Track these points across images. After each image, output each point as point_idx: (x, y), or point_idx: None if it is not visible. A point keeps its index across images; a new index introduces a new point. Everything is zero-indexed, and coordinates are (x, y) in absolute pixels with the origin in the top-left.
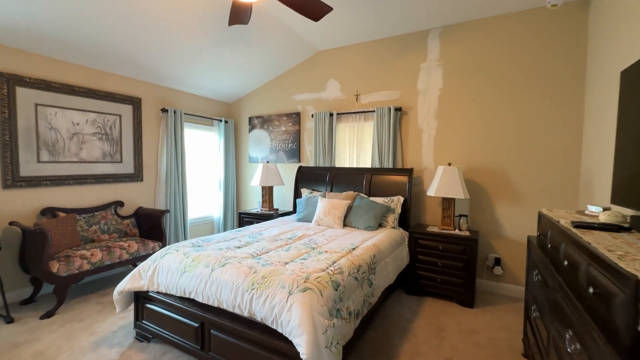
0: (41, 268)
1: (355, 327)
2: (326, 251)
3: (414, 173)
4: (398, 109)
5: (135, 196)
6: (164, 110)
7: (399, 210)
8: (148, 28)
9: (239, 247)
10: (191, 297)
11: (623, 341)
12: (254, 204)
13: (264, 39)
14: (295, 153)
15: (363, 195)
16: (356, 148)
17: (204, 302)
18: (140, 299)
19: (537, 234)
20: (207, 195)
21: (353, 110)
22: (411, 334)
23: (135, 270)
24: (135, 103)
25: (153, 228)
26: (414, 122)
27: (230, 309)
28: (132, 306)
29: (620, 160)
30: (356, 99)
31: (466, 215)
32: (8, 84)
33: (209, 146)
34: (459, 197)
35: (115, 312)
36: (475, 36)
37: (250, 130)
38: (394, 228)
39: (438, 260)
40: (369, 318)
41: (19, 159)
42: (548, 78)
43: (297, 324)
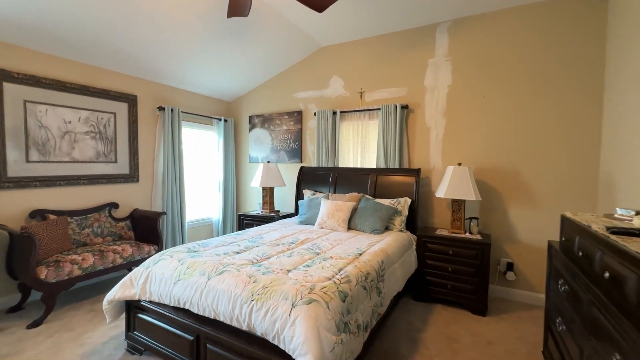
0: (28, 274)
1: (364, 341)
2: (331, 257)
3: (421, 173)
4: (404, 107)
5: (131, 198)
6: (161, 109)
7: (406, 212)
8: (144, 22)
9: (238, 253)
10: (186, 308)
11: None
12: (254, 205)
13: (265, 34)
14: (297, 153)
15: (368, 196)
16: (360, 147)
17: (199, 314)
18: (132, 308)
19: (562, 239)
20: (206, 196)
21: (357, 109)
22: (422, 345)
23: (126, 278)
24: (131, 101)
25: (149, 231)
26: (421, 121)
27: (228, 322)
28: (124, 315)
29: None
30: (360, 96)
31: (477, 218)
32: None
33: (207, 146)
34: (470, 199)
35: (107, 321)
36: (486, 30)
37: (250, 129)
38: (401, 231)
39: (448, 266)
40: (377, 328)
41: (6, 159)
42: (564, 74)
43: (302, 341)
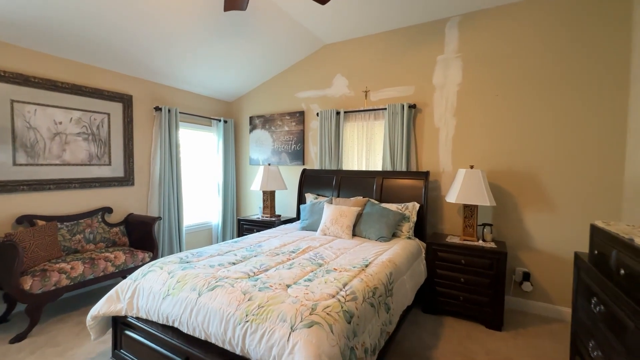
0: (11, 284)
1: None
2: (335, 269)
3: (430, 176)
4: (412, 106)
5: (126, 202)
6: (158, 109)
7: (414, 218)
8: (139, 18)
9: (234, 264)
10: (175, 327)
11: None
12: (254, 209)
13: (266, 31)
14: (299, 155)
15: (374, 201)
16: (365, 149)
17: (189, 334)
18: (118, 324)
19: (593, 251)
20: (205, 200)
21: (362, 108)
22: None
23: (112, 291)
24: (126, 100)
25: (144, 237)
26: (429, 121)
27: (220, 344)
28: (111, 331)
29: None
30: (365, 95)
31: (491, 225)
32: None
33: (207, 147)
34: (484, 204)
35: (91, 338)
36: (499, 24)
37: (251, 130)
38: (409, 238)
39: (460, 276)
40: (384, 344)
41: None
42: (586, 69)
43: None
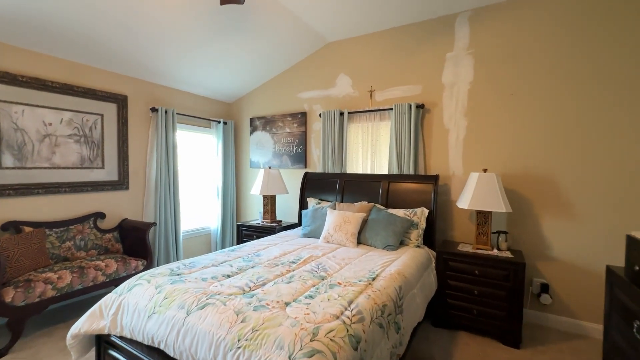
0: None
1: None
2: (339, 283)
3: (439, 180)
4: (420, 106)
5: (120, 207)
6: (154, 110)
7: (423, 224)
8: (135, 15)
9: (229, 277)
10: (161, 349)
11: None
12: (255, 214)
13: (267, 29)
14: (300, 157)
15: (380, 206)
16: (370, 151)
17: (175, 358)
18: (102, 342)
19: (632, 267)
20: (204, 204)
21: (367, 109)
22: None
23: (95, 307)
24: (120, 101)
25: (139, 243)
26: (438, 121)
27: None
28: (94, 349)
29: None
30: (370, 95)
31: (506, 232)
32: None
33: (205, 150)
34: (500, 211)
35: (72, 358)
36: (515, 16)
37: (251, 132)
38: (418, 247)
39: (473, 287)
40: None
41: None
42: (616, 67)
43: None
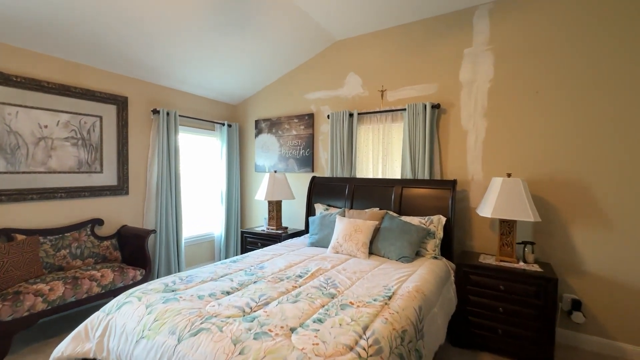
0: None
1: None
2: (351, 303)
3: (457, 185)
4: (435, 106)
5: (119, 213)
6: (156, 112)
7: (440, 234)
8: (136, 14)
9: (228, 294)
10: None
11: None
12: (260, 220)
13: (273, 27)
14: (307, 161)
15: (393, 213)
16: (382, 155)
17: None
18: None
19: None
20: (207, 210)
21: (378, 109)
22: None
23: (81, 327)
24: (120, 102)
25: (137, 251)
26: (456, 122)
27: None
28: None
29: None
30: (381, 95)
31: (533, 243)
32: None
33: (209, 153)
34: (527, 220)
35: None
36: (539, 9)
37: (256, 135)
38: (435, 258)
39: (498, 304)
40: None
41: None
42: None
43: None
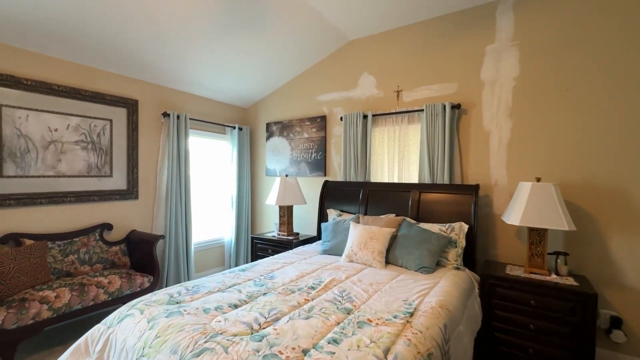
0: None
1: None
2: (369, 320)
3: (480, 191)
4: (455, 107)
5: (128, 217)
6: (166, 115)
7: (462, 242)
8: (146, 16)
9: (236, 307)
10: None
11: None
12: (271, 225)
13: (284, 27)
14: (320, 165)
15: (410, 220)
16: (398, 158)
17: None
18: None
19: None
20: (218, 214)
21: (393, 111)
22: None
23: (80, 341)
24: (131, 106)
25: (146, 257)
26: (477, 123)
27: None
28: None
29: None
30: (397, 96)
31: (566, 254)
32: None
33: (220, 157)
34: (561, 229)
35: None
36: (570, 1)
37: (267, 138)
38: (457, 269)
39: (529, 321)
40: None
41: None
42: None
43: None
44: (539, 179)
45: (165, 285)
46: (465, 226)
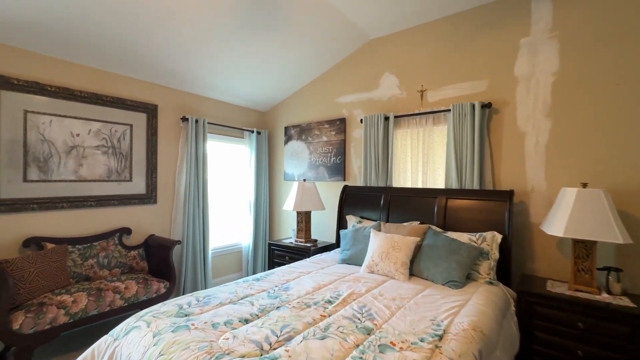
0: None
1: None
2: (392, 344)
3: (514, 197)
4: (486, 106)
5: (147, 222)
6: (185, 119)
7: (496, 254)
8: (164, 21)
9: (247, 322)
10: None
11: None
12: (288, 231)
13: (303, 27)
14: (339, 169)
15: (436, 228)
16: (422, 162)
17: None
18: None
19: None
20: (235, 219)
21: (417, 112)
22: None
23: (87, 353)
24: (150, 110)
25: (163, 263)
26: (510, 123)
27: None
28: None
29: None
30: (421, 96)
31: (619, 270)
32: None
33: (238, 161)
34: (615, 241)
35: None
36: None
37: (286, 142)
38: (490, 283)
39: (576, 346)
40: None
41: None
42: None
43: None
44: (585, 185)
45: (183, 290)
46: (499, 236)
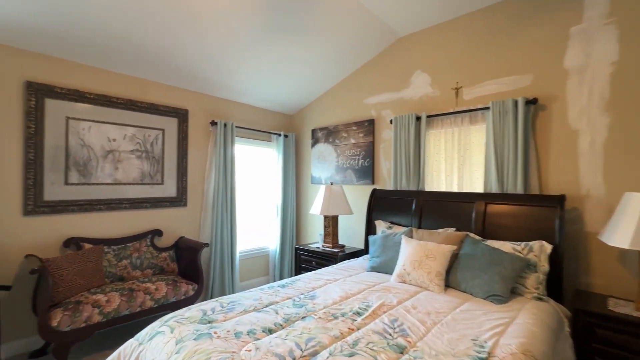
0: (38, 319)
1: None
2: None
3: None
4: (531, 102)
5: (177, 224)
6: (213, 124)
7: (545, 266)
8: (194, 29)
9: (270, 332)
10: None
11: None
12: (315, 235)
13: (332, 28)
14: (367, 172)
15: (474, 236)
16: (457, 164)
17: None
18: None
19: None
20: (262, 223)
21: (452, 110)
22: None
23: (114, 355)
24: (181, 115)
25: (191, 265)
26: (560, 121)
27: None
28: None
29: None
30: (456, 94)
31: None
32: (36, 95)
33: (265, 165)
34: None
35: None
36: None
37: (313, 145)
38: (539, 299)
39: None
40: None
41: (43, 181)
42: None
43: None
44: None
45: (210, 293)
46: (548, 246)
